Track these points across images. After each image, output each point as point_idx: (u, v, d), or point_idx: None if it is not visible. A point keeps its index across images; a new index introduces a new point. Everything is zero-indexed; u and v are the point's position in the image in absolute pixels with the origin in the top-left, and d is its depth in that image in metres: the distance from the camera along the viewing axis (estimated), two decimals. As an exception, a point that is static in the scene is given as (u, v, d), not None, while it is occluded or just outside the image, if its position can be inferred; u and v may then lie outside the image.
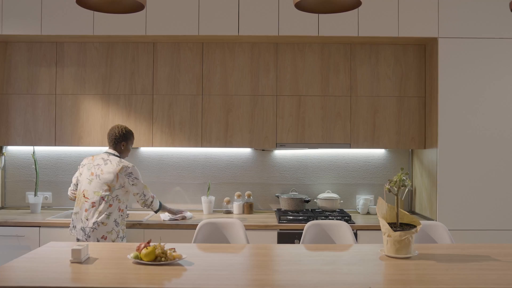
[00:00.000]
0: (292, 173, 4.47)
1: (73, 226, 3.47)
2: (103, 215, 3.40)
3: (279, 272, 2.41)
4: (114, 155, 3.54)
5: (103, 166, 3.46)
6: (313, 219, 3.80)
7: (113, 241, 3.40)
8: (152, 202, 3.62)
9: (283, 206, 4.25)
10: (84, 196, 3.44)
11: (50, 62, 4.18)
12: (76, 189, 3.62)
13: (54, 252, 2.66)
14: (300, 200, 4.21)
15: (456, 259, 2.57)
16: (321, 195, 4.29)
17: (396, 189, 2.67)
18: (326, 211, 4.22)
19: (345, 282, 2.20)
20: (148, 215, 4.11)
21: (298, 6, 2.51)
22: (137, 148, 4.44)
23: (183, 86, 4.15)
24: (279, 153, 4.48)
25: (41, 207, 4.35)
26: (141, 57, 4.16)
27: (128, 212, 4.28)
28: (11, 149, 4.47)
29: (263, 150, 4.47)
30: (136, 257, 2.44)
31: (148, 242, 2.50)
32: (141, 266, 2.39)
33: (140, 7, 2.50)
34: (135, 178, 3.50)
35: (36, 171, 4.35)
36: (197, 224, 3.34)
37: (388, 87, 4.14)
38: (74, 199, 3.64)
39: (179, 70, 4.15)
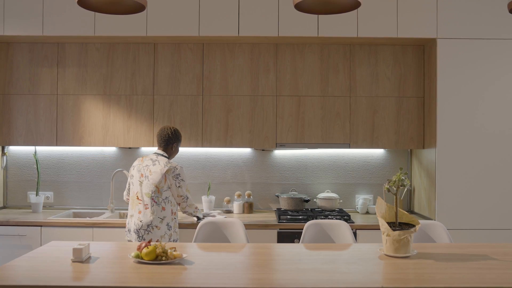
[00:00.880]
0: (292, 173, 4.49)
1: (128, 230, 3.45)
2: (157, 218, 3.37)
3: (279, 271, 2.41)
4: (162, 155, 3.50)
5: (151, 167, 3.43)
6: (312, 219, 3.82)
7: None
8: (195, 210, 3.59)
9: (283, 205, 4.27)
10: (137, 198, 3.43)
11: (52, 62, 4.20)
12: (129, 193, 3.59)
13: (55, 252, 2.67)
14: (299, 199, 4.22)
15: (454, 258, 2.57)
16: (321, 195, 4.31)
17: (395, 188, 2.67)
18: (325, 210, 4.24)
19: (344, 281, 2.20)
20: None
21: (298, 7, 2.52)
22: (138, 148, 4.46)
23: (184, 87, 4.17)
24: (279, 153, 4.50)
25: (43, 206, 4.37)
26: (142, 58, 4.18)
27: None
28: (12, 149, 4.49)
29: (263, 150, 4.48)
30: (137, 256, 2.45)
31: (149, 242, 2.51)
32: (142, 265, 2.40)
33: (141, 8, 2.51)
34: (182, 180, 3.45)
35: (37, 171, 4.37)
36: (197, 224, 3.36)
37: (387, 87, 4.16)
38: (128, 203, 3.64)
39: (180, 71, 4.17)
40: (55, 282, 2.12)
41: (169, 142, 3.53)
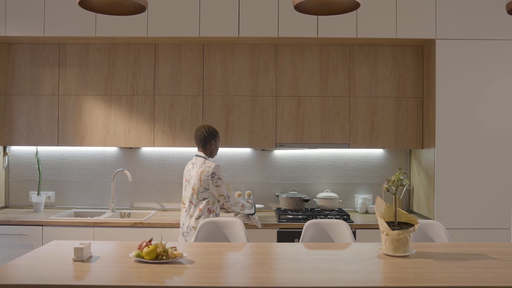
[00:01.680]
0: (292, 173, 4.50)
1: (182, 233, 3.54)
2: (193, 219, 3.44)
3: (278, 270, 2.42)
4: (200, 156, 3.54)
5: (191, 171, 3.51)
6: (312, 218, 3.84)
7: None
8: (242, 208, 3.57)
9: (283, 205, 4.28)
10: (183, 202, 3.54)
11: (53, 63, 4.22)
12: None
13: (56, 251, 2.67)
14: (299, 199, 4.24)
15: (453, 258, 2.58)
16: (320, 195, 4.32)
17: (394, 188, 2.67)
18: (325, 210, 4.25)
19: (343, 280, 2.20)
20: (149, 214, 4.15)
21: (298, 8, 2.52)
22: (139, 148, 4.48)
23: (184, 87, 4.19)
24: (278, 153, 4.51)
25: (44, 206, 4.39)
26: (143, 58, 4.20)
27: (130, 212, 4.33)
28: (14, 149, 4.51)
29: (263, 150, 4.50)
30: (138, 256, 2.46)
31: (150, 241, 2.52)
32: (142, 265, 2.40)
33: (141, 9, 2.51)
34: (218, 178, 3.43)
35: (39, 170, 4.38)
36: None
37: (386, 87, 4.18)
38: None
39: (180, 71, 4.19)
40: (56, 281, 2.12)
41: (206, 141, 3.56)
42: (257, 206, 4.34)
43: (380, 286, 2.11)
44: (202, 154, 3.55)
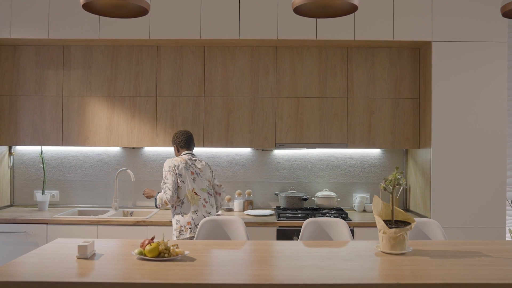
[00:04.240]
0: (291, 172, 4.55)
1: (195, 225, 3.52)
2: (215, 208, 3.69)
3: (278, 267, 2.43)
4: (194, 154, 3.78)
5: (197, 164, 3.67)
6: (311, 217, 3.85)
7: None
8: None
9: (282, 204, 4.32)
10: (196, 194, 3.58)
11: (57, 65, 4.26)
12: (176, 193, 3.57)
13: (61, 249, 2.69)
14: (298, 198, 4.28)
15: (449, 255, 2.59)
16: (319, 193, 4.37)
17: (391, 187, 2.67)
18: (323, 208, 4.29)
19: (342, 277, 2.21)
20: (151, 213, 4.20)
21: (297, 11, 2.54)
22: (141, 148, 4.53)
23: (186, 88, 4.24)
24: (278, 152, 4.56)
25: (49, 205, 4.42)
26: (145, 60, 4.24)
27: (133, 210, 4.39)
28: (19, 149, 4.56)
29: (263, 150, 4.54)
30: (140, 253, 2.47)
31: (152, 239, 2.53)
32: (145, 262, 2.42)
33: (144, 12, 2.53)
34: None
35: (43, 170, 4.43)
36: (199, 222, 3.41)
37: (383, 89, 4.22)
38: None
39: (182, 73, 4.24)
40: (60, 278, 2.14)
41: (193, 144, 3.83)
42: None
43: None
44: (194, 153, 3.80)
